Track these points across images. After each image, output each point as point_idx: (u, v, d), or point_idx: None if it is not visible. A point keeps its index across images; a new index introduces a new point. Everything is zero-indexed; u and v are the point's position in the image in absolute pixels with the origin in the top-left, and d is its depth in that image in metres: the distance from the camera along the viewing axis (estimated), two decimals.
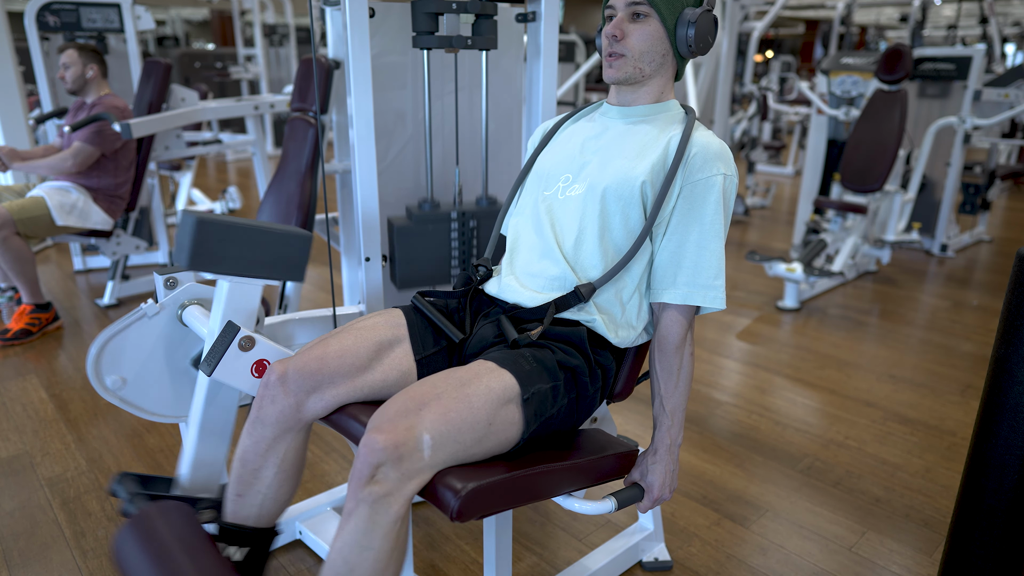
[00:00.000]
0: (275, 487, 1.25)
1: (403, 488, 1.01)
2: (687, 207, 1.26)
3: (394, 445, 0.99)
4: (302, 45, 9.80)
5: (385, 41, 1.80)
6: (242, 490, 1.24)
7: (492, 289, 1.37)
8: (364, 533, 1.00)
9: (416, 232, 1.75)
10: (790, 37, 19.05)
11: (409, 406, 1.05)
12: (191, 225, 1.22)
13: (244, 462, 1.23)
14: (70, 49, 3.17)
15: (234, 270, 1.27)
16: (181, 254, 1.25)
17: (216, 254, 1.24)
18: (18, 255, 2.99)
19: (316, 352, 1.22)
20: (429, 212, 1.75)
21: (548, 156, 1.41)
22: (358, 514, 1.00)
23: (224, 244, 1.24)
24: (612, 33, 1.26)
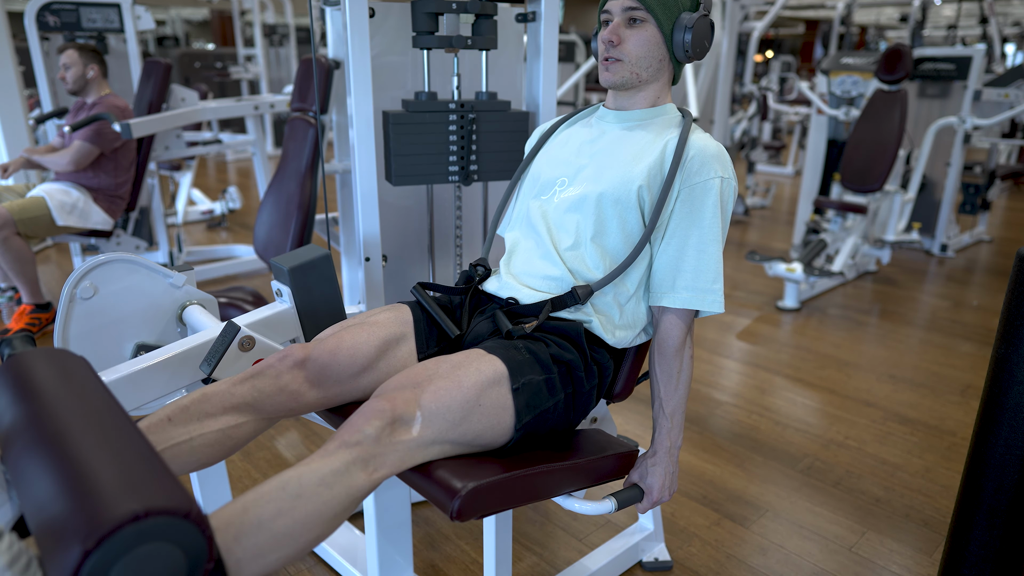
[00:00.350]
0: (204, 443, 1.12)
1: (385, 457, 1.01)
2: (685, 210, 1.26)
3: (392, 411, 1.02)
4: (302, 45, 9.80)
5: (385, 41, 1.80)
6: (177, 417, 1.10)
7: (490, 287, 1.37)
8: (333, 473, 0.96)
9: (412, 122, 1.66)
10: (790, 37, 19.06)
11: (406, 383, 1.08)
12: (318, 253, 1.44)
13: (205, 399, 1.13)
14: (70, 49, 3.16)
15: (301, 305, 1.44)
16: (290, 260, 1.42)
17: (309, 284, 1.43)
18: (18, 255, 2.99)
19: (329, 345, 1.21)
20: (426, 103, 1.68)
21: (544, 159, 1.41)
22: (337, 456, 0.98)
23: (318, 285, 1.45)
24: (609, 39, 1.26)
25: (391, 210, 1.93)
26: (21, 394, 0.86)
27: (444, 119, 1.68)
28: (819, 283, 3.95)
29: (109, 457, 0.73)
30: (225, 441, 1.14)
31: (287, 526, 0.90)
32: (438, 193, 1.96)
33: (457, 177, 1.74)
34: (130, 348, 1.46)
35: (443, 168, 1.72)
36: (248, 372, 1.17)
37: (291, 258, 1.40)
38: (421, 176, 1.71)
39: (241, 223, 5.36)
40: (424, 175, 1.71)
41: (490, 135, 1.74)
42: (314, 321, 1.43)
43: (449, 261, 2.03)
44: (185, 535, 0.68)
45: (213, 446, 1.13)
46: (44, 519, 0.70)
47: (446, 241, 2.01)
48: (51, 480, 0.72)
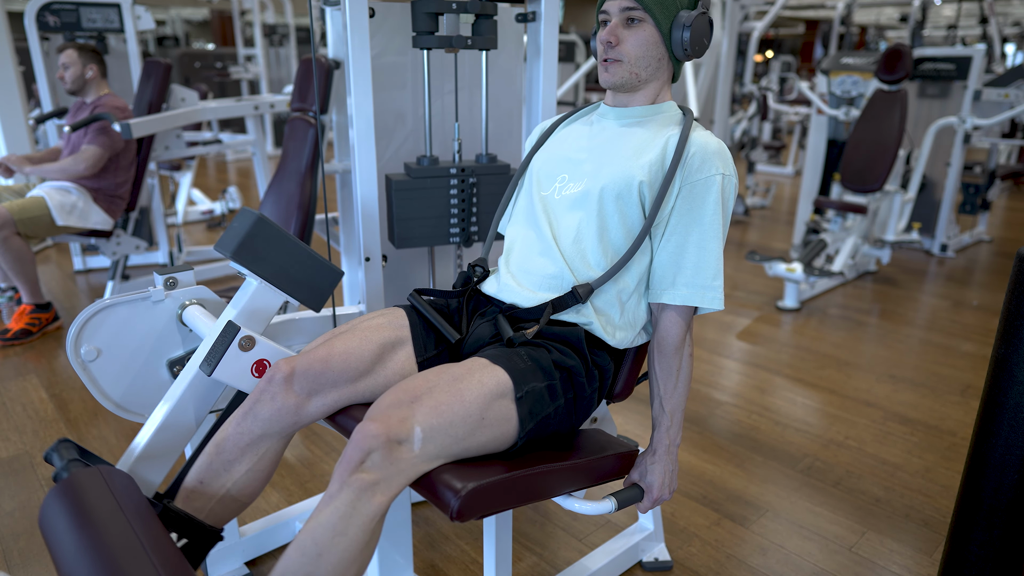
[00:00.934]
0: (241, 485, 1.20)
1: (391, 480, 1.01)
2: (686, 207, 1.26)
3: (386, 434, 1.00)
4: (302, 45, 9.80)
5: (385, 41, 1.80)
6: (207, 478, 1.19)
7: (489, 289, 1.37)
8: (342, 518, 0.98)
9: (415, 188, 1.70)
10: (790, 37, 19.06)
11: (402, 399, 1.06)
12: (250, 219, 1.30)
13: (221, 451, 1.19)
14: (69, 49, 3.17)
15: (268, 275, 1.33)
16: (228, 243, 1.30)
17: (260, 254, 1.31)
18: (18, 255, 2.99)
19: (321, 353, 1.21)
20: (428, 168, 1.70)
21: (545, 156, 1.41)
22: (341, 498, 0.98)
23: (271, 248, 1.32)
24: (607, 39, 1.26)
25: None
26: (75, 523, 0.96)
27: (445, 184, 1.73)
28: (819, 283, 3.95)
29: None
30: (258, 474, 1.22)
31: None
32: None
33: (458, 239, 1.79)
34: (164, 369, 1.49)
35: (444, 231, 1.77)
36: (246, 404, 1.20)
37: (229, 239, 1.33)
38: (423, 239, 1.76)
39: None
40: (426, 238, 1.76)
41: (490, 197, 1.78)
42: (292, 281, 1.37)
43: (449, 261, 2.03)
44: None
45: (251, 483, 1.21)
46: None
47: None
48: None
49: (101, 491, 1.02)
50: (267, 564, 1.74)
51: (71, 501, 1.00)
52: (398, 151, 1.91)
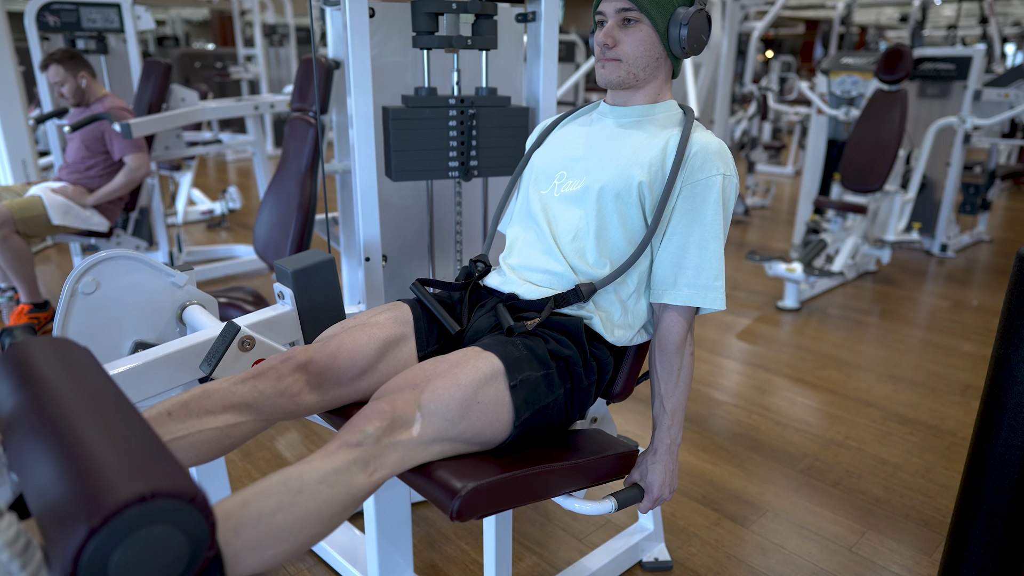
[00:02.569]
0: (201, 439, 1.11)
1: (385, 458, 1.01)
2: (687, 207, 1.25)
3: (393, 412, 1.03)
4: (302, 45, 9.80)
5: (385, 41, 1.80)
6: (176, 412, 1.10)
7: (492, 282, 1.37)
8: (334, 471, 0.97)
9: (412, 118, 1.66)
10: (790, 37, 19.06)
11: (405, 384, 1.09)
12: (323, 257, 1.45)
13: (205, 395, 1.12)
14: (53, 65, 3.14)
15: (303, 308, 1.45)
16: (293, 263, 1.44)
17: (312, 288, 1.45)
18: (17, 254, 2.99)
19: (330, 348, 1.21)
20: (426, 98, 1.67)
21: (544, 154, 1.41)
22: (338, 455, 0.98)
23: (321, 290, 1.46)
24: (604, 41, 1.26)
25: (391, 209, 1.93)
26: (23, 380, 0.84)
27: (444, 114, 1.68)
28: (819, 283, 3.95)
29: (114, 441, 0.72)
30: (223, 439, 1.13)
31: (287, 521, 0.90)
32: (438, 192, 1.96)
33: (457, 173, 1.74)
34: (128, 345, 1.46)
35: (443, 164, 1.72)
36: (250, 372, 1.17)
37: (295, 261, 1.41)
38: (421, 172, 1.70)
39: (241, 223, 5.36)
40: (424, 171, 1.70)
41: (490, 130, 1.74)
42: (314, 324, 1.44)
43: (449, 260, 2.03)
44: (189, 520, 0.68)
45: (211, 443, 1.12)
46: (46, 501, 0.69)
47: (446, 240, 2.01)
48: (54, 463, 0.71)
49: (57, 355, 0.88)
50: None
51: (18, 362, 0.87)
52: None
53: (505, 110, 1.74)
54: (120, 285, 1.41)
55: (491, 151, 1.75)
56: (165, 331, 1.49)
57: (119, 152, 3.16)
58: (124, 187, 3.19)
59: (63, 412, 0.77)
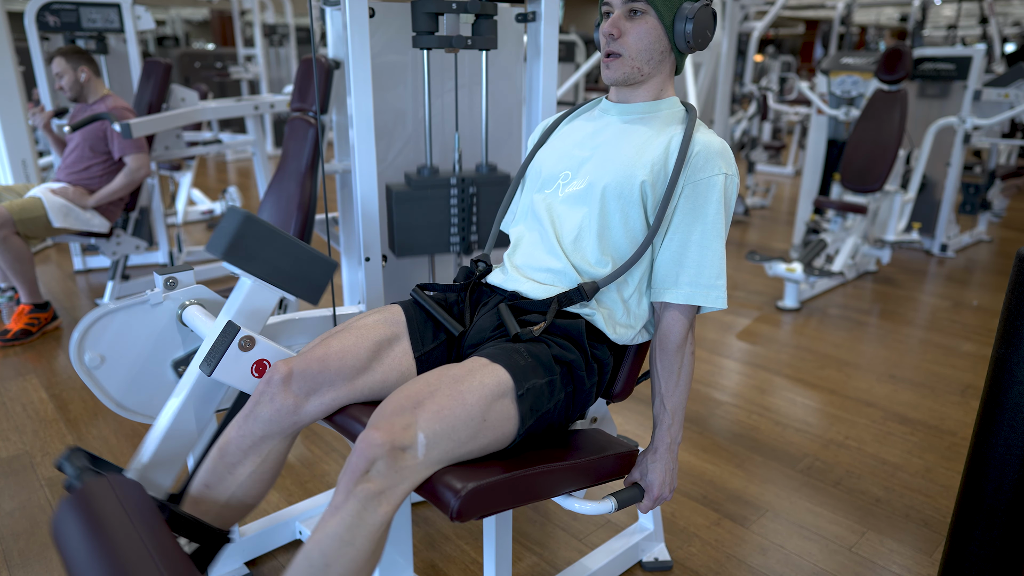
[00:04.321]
0: (247, 487, 1.21)
1: (396, 488, 1.01)
2: (689, 206, 1.25)
3: (391, 442, 1.00)
4: (302, 45, 9.80)
5: (385, 41, 1.80)
6: (213, 482, 1.20)
7: (495, 280, 1.37)
8: (349, 528, 0.98)
9: (415, 198, 1.71)
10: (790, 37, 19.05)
11: (405, 404, 1.06)
12: (238, 219, 1.28)
13: (224, 454, 1.20)
14: (57, 57, 3.17)
15: (261, 273, 1.32)
16: (218, 243, 1.29)
17: (251, 252, 1.30)
18: (17, 255, 2.99)
19: (318, 353, 1.21)
20: (428, 178, 1.71)
21: (547, 153, 1.41)
22: (347, 508, 0.98)
23: (261, 246, 1.30)
24: (609, 32, 1.25)
25: None
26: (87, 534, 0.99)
27: (445, 194, 1.74)
28: (819, 283, 3.95)
29: None
30: (263, 475, 1.22)
31: None
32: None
33: (458, 247, 1.79)
34: (170, 370, 1.49)
35: (444, 239, 1.78)
36: (247, 407, 1.20)
37: (218, 240, 1.31)
38: (423, 248, 1.76)
39: None
40: (426, 246, 1.76)
41: (491, 207, 1.79)
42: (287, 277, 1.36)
43: (449, 261, 2.03)
44: None
45: (256, 485, 1.21)
46: None
47: None
48: None
49: (111, 500, 1.05)
50: (267, 564, 1.74)
51: (82, 511, 1.03)
52: (398, 155, 1.91)
53: (504, 187, 1.79)
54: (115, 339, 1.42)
55: (491, 226, 1.80)
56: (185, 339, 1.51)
57: (120, 152, 3.17)
58: (125, 188, 3.19)
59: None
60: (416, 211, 1.72)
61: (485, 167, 1.79)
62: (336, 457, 2.20)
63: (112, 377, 1.44)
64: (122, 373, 1.44)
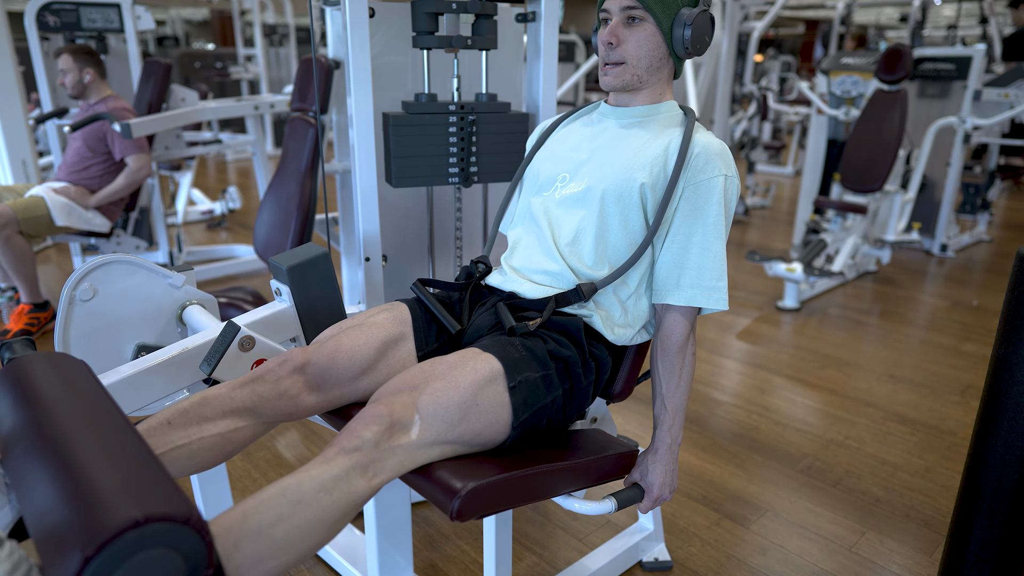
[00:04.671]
0: (203, 446, 1.11)
1: (384, 462, 1.01)
2: (689, 208, 1.26)
3: (391, 416, 1.02)
4: (302, 45, 9.80)
5: (385, 41, 1.80)
6: (176, 421, 1.10)
7: (493, 281, 1.37)
8: (332, 479, 0.97)
9: (412, 124, 1.67)
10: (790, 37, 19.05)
11: (403, 387, 1.08)
12: (317, 251, 1.42)
13: (204, 403, 1.12)
14: (65, 54, 3.17)
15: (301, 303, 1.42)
16: (288, 260, 1.42)
17: (308, 283, 1.42)
18: (19, 254, 2.99)
19: (328, 348, 1.21)
20: (426, 104, 1.67)
21: (545, 156, 1.41)
22: (336, 462, 0.98)
23: (317, 284, 1.43)
24: (607, 40, 1.25)
25: (391, 210, 1.93)
26: (21, 399, 0.86)
27: (444, 120, 1.68)
28: (819, 283, 3.95)
29: (109, 463, 0.73)
30: (224, 445, 1.13)
31: (287, 532, 0.90)
32: (438, 193, 1.96)
33: (457, 179, 1.74)
34: (131, 349, 1.46)
35: (443, 170, 1.72)
36: (248, 376, 1.17)
37: (290, 257, 1.40)
38: (421, 178, 1.71)
39: (241, 223, 5.36)
40: (424, 177, 1.71)
41: (490, 136, 1.74)
42: (314, 320, 1.43)
43: (449, 261, 2.03)
44: (185, 541, 0.68)
45: (212, 450, 1.12)
46: (44, 525, 0.70)
47: (446, 241, 2.01)
48: (51, 486, 0.72)
49: (54, 372, 0.91)
50: None
51: (19, 380, 0.90)
52: None
53: (505, 116, 1.74)
54: (117, 290, 1.40)
55: (491, 157, 1.76)
56: (166, 333, 1.49)
57: (120, 152, 3.17)
58: (126, 188, 3.20)
59: (59, 433, 0.78)
60: (414, 139, 1.68)
61: (485, 95, 1.75)
62: None
63: (84, 319, 1.39)
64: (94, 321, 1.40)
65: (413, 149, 1.68)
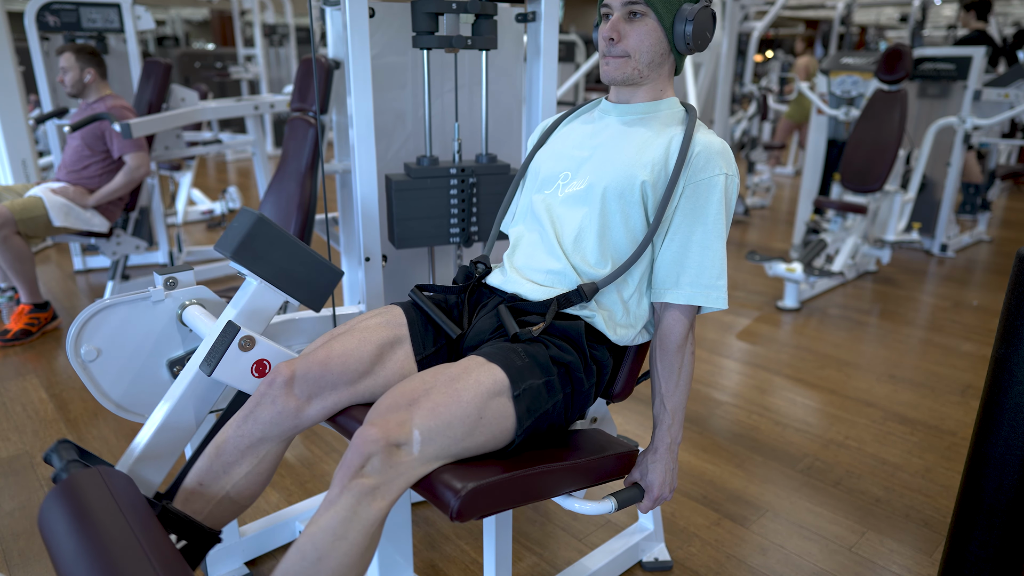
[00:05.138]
0: (241, 487, 1.20)
1: (391, 483, 1.01)
2: (690, 207, 1.25)
3: (385, 438, 1.00)
4: (302, 45, 9.80)
5: (385, 41, 1.80)
6: (207, 480, 1.19)
7: (493, 281, 1.37)
8: (343, 522, 0.98)
9: (415, 188, 1.70)
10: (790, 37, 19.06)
11: (400, 402, 1.06)
12: (250, 219, 1.30)
13: (221, 453, 1.19)
14: (67, 52, 3.17)
15: (268, 275, 1.33)
16: (228, 242, 1.30)
17: (260, 254, 1.31)
18: (18, 254, 2.99)
19: (320, 356, 1.21)
20: (428, 168, 1.70)
21: (547, 153, 1.41)
22: (341, 503, 0.98)
23: (270, 248, 1.32)
24: (608, 35, 1.25)
25: None
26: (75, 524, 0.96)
27: (445, 184, 1.73)
28: (819, 283, 3.95)
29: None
30: (258, 477, 1.21)
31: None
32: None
33: (458, 239, 1.79)
34: (165, 369, 1.48)
35: (444, 231, 1.77)
36: (247, 407, 1.19)
37: (229, 240, 1.33)
38: (423, 239, 1.75)
39: None
40: (426, 238, 1.76)
41: (490, 197, 1.78)
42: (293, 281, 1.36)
43: (449, 261, 2.03)
44: None
45: (250, 487, 1.21)
46: None
47: None
48: None
49: (100, 492, 1.02)
50: (267, 564, 1.74)
51: (70, 502, 1.00)
52: (398, 152, 1.91)
53: (504, 177, 1.78)
54: (113, 334, 1.41)
55: (491, 217, 1.80)
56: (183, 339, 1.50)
57: (119, 151, 3.17)
58: (124, 187, 3.19)
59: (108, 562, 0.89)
60: (416, 202, 1.71)
61: (485, 157, 1.78)
62: (336, 457, 2.20)
63: (107, 372, 1.42)
64: (117, 368, 1.43)
65: (415, 211, 1.73)
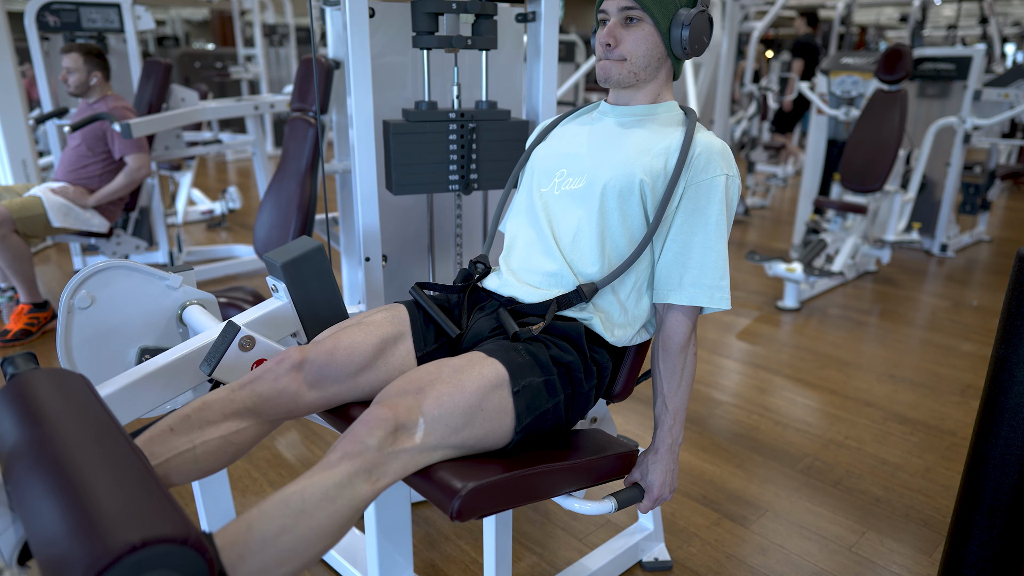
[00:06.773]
0: (208, 449, 1.12)
1: (387, 466, 1.01)
2: (691, 208, 1.26)
3: (395, 419, 1.01)
4: (302, 45, 9.80)
5: (385, 41, 1.80)
6: (179, 428, 1.10)
7: (491, 284, 1.37)
8: (336, 486, 0.96)
9: (412, 132, 1.67)
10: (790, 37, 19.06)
11: (408, 388, 1.08)
12: (311, 245, 1.39)
13: (205, 408, 1.13)
14: (74, 53, 3.15)
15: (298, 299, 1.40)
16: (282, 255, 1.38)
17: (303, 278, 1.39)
18: (16, 253, 2.99)
19: (327, 345, 1.21)
20: (426, 112, 1.68)
21: (544, 152, 1.41)
22: (339, 468, 0.97)
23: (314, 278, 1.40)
24: (605, 41, 1.26)
25: (391, 210, 1.93)
26: (23, 417, 0.87)
27: (444, 128, 1.69)
28: (819, 283, 3.95)
29: (108, 484, 0.74)
30: (227, 447, 1.14)
31: (291, 542, 0.90)
32: (438, 195, 1.96)
33: (457, 186, 1.75)
34: (134, 353, 1.46)
35: (443, 177, 1.73)
36: (247, 377, 1.17)
37: (284, 252, 1.38)
38: (421, 185, 1.72)
39: (241, 223, 5.36)
40: (424, 184, 1.72)
41: (490, 144, 1.75)
42: (313, 315, 1.41)
43: (449, 261, 2.03)
44: (185, 561, 0.68)
45: (216, 453, 1.13)
46: (46, 548, 0.71)
47: (446, 241, 2.01)
48: (51, 509, 0.73)
49: (54, 389, 0.93)
50: None
51: (21, 397, 0.91)
52: None
53: (505, 123, 1.75)
54: (115, 295, 1.40)
55: (491, 164, 1.77)
56: (167, 334, 1.49)
57: (120, 152, 3.17)
58: (125, 187, 3.19)
59: (60, 454, 0.79)
60: (414, 147, 1.68)
61: (485, 103, 1.76)
62: None
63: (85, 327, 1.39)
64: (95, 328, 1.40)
65: (413, 157, 1.68)
